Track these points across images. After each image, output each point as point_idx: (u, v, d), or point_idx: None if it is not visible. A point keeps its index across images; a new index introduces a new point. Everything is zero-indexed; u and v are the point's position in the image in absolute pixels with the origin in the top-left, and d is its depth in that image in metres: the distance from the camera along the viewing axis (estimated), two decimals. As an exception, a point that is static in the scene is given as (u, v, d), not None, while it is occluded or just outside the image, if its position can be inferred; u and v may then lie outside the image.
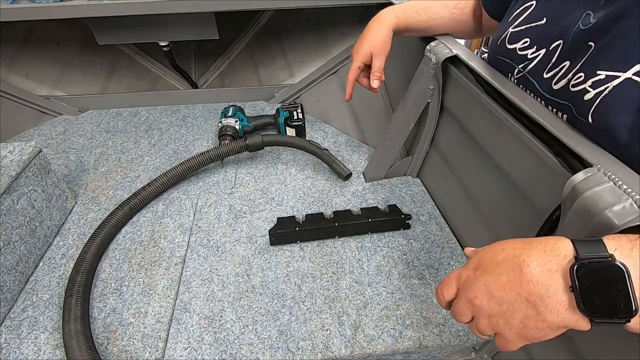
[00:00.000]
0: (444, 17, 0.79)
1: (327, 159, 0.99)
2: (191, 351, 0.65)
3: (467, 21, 0.80)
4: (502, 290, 0.34)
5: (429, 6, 0.78)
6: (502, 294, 0.34)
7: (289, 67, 1.45)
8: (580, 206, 0.45)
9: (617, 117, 0.44)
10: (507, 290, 0.34)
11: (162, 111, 1.32)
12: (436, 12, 0.78)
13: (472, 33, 0.83)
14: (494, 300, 0.35)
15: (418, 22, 0.78)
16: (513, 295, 0.34)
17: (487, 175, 0.72)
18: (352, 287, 0.74)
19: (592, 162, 0.46)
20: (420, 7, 0.78)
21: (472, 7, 0.79)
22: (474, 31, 0.83)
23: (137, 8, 1.03)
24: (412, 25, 0.78)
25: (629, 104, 0.43)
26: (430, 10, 0.78)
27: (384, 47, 0.76)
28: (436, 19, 0.78)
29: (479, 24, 0.81)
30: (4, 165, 0.72)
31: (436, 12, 0.78)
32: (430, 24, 0.79)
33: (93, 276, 0.76)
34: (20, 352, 0.65)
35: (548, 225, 0.53)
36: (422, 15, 0.78)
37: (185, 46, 1.60)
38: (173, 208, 0.92)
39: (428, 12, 0.78)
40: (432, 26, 0.79)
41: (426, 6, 0.78)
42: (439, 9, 0.78)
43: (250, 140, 0.98)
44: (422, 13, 0.78)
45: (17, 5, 1.01)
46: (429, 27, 0.80)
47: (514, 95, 0.58)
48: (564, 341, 0.55)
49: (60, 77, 1.39)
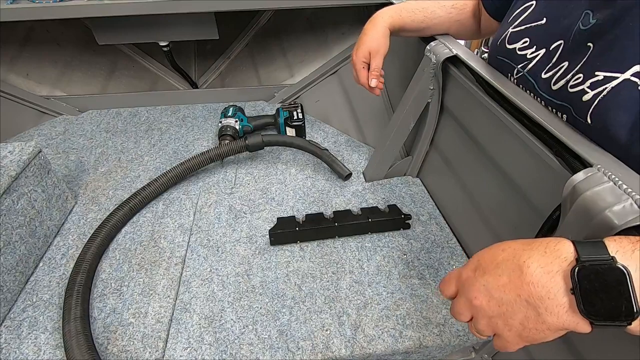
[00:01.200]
0: (441, 17, 0.79)
1: (327, 159, 0.99)
2: (191, 351, 0.65)
3: (465, 21, 0.80)
4: (501, 291, 0.34)
5: (426, 6, 0.78)
6: (502, 294, 0.34)
7: (289, 67, 1.45)
8: (580, 206, 0.45)
9: (616, 118, 0.44)
10: (506, 291, 0.34)
11: (162, 111, 1.32)
12: (433, 12, 0.78)
13: (471, 34, 0.83)
14: (494, 301, 0.35)
15: (414, 21, 0.78)
16: (513, 297, 0.33)
17: (487, 175, 0.72)
18: (352, 287, 0.74)
19: (592, 162, 0.46)
20: (416, 6, 0.78)
21: (471, 8, 0.79)
22: (473, 32, 0.83)
23: (137, 8, 1.03)
24: (408, 25, 0.78)
25: (628, 105, 0.43)
26: (427, 10, 0.78)
27: (381, 47, 0.76)
28: (433, 18, 0.78)
29: (477, 24, 0.81)
30: (4, 165, 0.72)
31: (433, 12, 0.78)
32: (427, 24, 0.79)
33: (93, 276, 0.76)
34: (20, 352, 0.65)
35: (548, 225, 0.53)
36: (418, 15, 0.78)
37: (185, 46, 1.61)
38: (173, 208, 0.92)
39: (424, 12, 0.78)
40: (429, 26, 0.79)
41: (423, 6, 0.78)
42: (435, 9, 0.78)
43: (250, 140, 0.98)
44: (418, 13, 0.78)
45: (17, 5, 1.01)
46: (426, 27, 0.80)
47: (514, 95, 0.58)
48: (564, 342, 0.55)
49: (60, 77, 1.39)
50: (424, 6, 0.78)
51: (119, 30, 1.21)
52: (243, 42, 1.61)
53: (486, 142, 0.69)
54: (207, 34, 1.23)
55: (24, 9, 1.01)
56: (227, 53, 1.62)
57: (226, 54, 1.62)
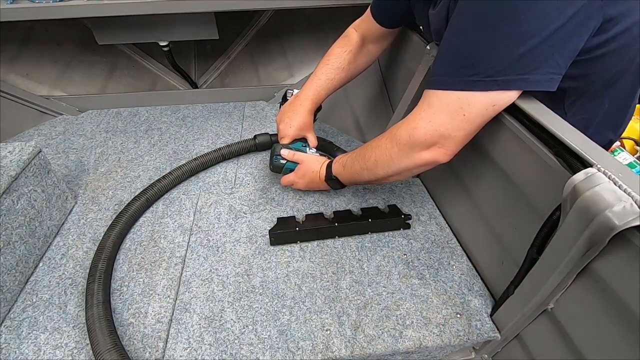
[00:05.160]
0: (344, 60, 0.89)
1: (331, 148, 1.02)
2: (191, 351, 0.65)
3: (367, 48, 0.92)
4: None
5: (331, 69, 0.89)
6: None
7: (289, 67, 1.45)
8: (580, 206, 0.45)
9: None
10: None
11: (162, 111, 1.32)
12: (339, 67, 0.89)
13: (382, 49, 0.94)
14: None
15: (333, 86, 0.91)
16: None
17: (487, 176, 0.72)
18: (352, 287, 0.74)
19: (592, 162, 0.46)
20: (325, 74, 0.89)
21: (359, 39, 0.90)
22: (383, 47, 0.94)
23: (137, 8, 1.03)
24: (332, 89, 0.91)
25: None
26: (333, 68, 0.89)
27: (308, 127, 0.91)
28: (342, 67, 0.89)
29: (379, 42, 0.91)
30: (4, 165, 0.72)
31: (339, 67, 0.89)
32: (343, 76, 0.91)
33: (113, 264, 0.78)
34: (20, 352, 0.65)
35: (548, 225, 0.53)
36: (331, 76, 0.90)
37: (185, 46, 1.60)
38: (173, 208, 0.92)
39: (334, 73, 0.89)
40: (348, 74, 0.91)
41: (328, 70, 0.89)
42: (335, 64, 0.89)
43: (260, 139, 1.04)
44: (330, 76, 0.89)
45: (17, 5, 1.01)
46: (345, 77, 0.91)
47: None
48: (564, 342, 0.55)
49: (60, 77, 1.39)
50: (327, 70, 0.89)
51: (118, 30, 1.21)
52: (243, 42, 1.61)
53: (486, 142, 0.69)
54: (207, 34, 1.23)
55: (24, 9, 1.01)
56: (227, 53, 1.62)
57: (226, 54, 1.62)
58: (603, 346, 0.49)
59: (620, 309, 0.45)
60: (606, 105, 0.61)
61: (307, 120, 0.89)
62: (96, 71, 1.47)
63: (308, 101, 0.89)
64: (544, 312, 0.58)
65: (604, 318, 0.48)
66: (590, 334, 0.51)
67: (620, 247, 0.44)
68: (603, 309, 0.48)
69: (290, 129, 0.88)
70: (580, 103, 0.60)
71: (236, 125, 1.24)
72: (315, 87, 0.89)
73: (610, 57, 0.54)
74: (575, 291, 0.52)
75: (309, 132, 0.91)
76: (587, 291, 0.50)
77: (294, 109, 0.89)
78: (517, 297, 0.62)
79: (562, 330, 0.55)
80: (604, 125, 0.64)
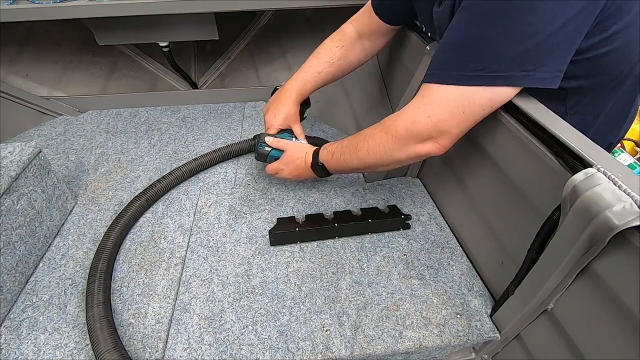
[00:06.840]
0: (335, 54, 0.88)
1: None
2: (191, 352, 0.65)
3: (362, 44, 0.90)
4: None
5: (320, 62, 0.88)
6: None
7: (289, 68, 1.45)
8: (580, 206, 0.45)
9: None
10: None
11: (162, 112, 1.32)
12: (328, 61, 0.88)
13: (377, 48, 0.92)
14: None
15: (322, 79, 0.90)
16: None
17: (487, 176, 0.72)
18: (352, 287, 0.74)
19: (592, 162, 0.46)
20: (313, 67, 0.89)
21: (354, 34, 0.89)
22: (378, 46, 0.92)
23: (137, 8, 1.03)
24: (320, 83, 0.90)
25: None
26: (322, 62, 0.88)
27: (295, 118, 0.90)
28: (332, 62, 0.88)
29: (376, 39, 0.90)
30: (4, 165, 0.72)
31: (328, 61, 0.88)
32: (332, 70, 0.89)
33: (113, 264, 0.78)
34: (20, 352, 0.65)
35: (548, 225, 0.53)
36: (319, 69, 0.89)
37: (185, 46, 1.60)
38: (173, 208, 0.92)
39: (322, 66, 0.88)
40: (337, 70, 0.90)
41: (316, 63, 0.89)
42: (325, 58, 0.88)
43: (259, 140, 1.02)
44: (318, 69, 0.89)
45: (17, 6, 1.01)
46: (334, 72, 0.90)
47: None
48: (564, 342, 0.55)
49: (60, 78, 1.39)
50: (317, 63, 0.89)
51: (119, 31, 1.21)
52: (243, 43, 1.61)
53: (486, 143, 0.69)
54: (207, 34, 1.23)
55: (24, 10, 1.01)
56: (227, 53, 1.62)
57: (226, 55, 1.62)
58: (603, 346, 0.49)
59: (620, 309, 0.45)
60: (608, 108, 0.61)
61: (293, 111, 0.88)
62: (96, 72, 1.47)
63: (293, 92, 0.89)
64: (544, 312, 0.58)
65: (604, 318, 0.48)
66: (590, 334, 0.51)
67: (620, 247, 0.44)
68: (603, 309, 0.48)
69: (276, 118, 0.88)
70: (583, 104, 0.60)
71: (236, 125, 1.24)
72: (302, 79, 0.89)
73: (611, 56, 0.54)
74: (575, 291, 0.52)
75: (295, 123, 0.90)
76: (587, 291, 0.50)
77: (279, 99, 0.89)
78: (517, 297, 0.62)
79: (562, 331, 0.55)
80: (605, 128, 0.64)
